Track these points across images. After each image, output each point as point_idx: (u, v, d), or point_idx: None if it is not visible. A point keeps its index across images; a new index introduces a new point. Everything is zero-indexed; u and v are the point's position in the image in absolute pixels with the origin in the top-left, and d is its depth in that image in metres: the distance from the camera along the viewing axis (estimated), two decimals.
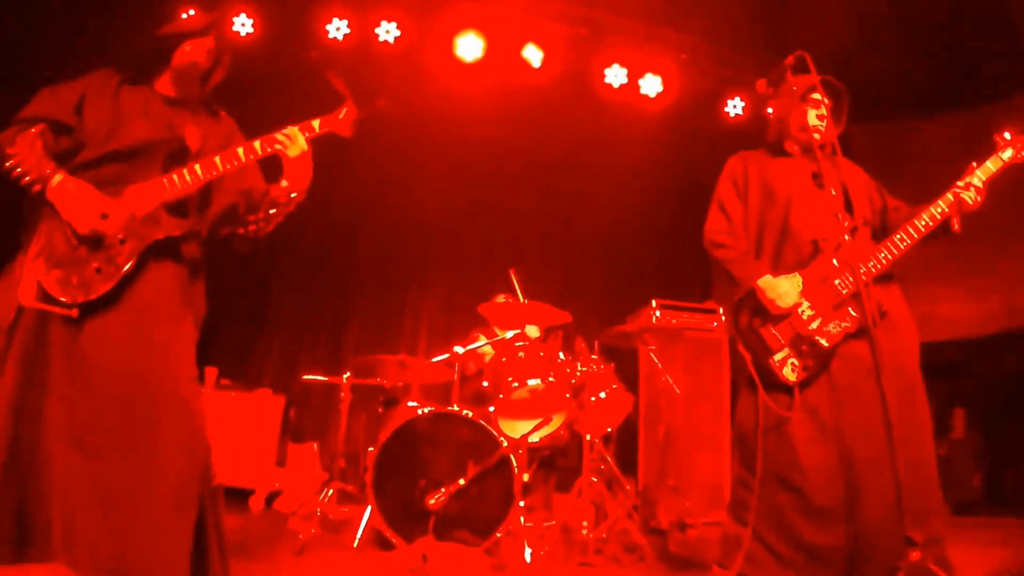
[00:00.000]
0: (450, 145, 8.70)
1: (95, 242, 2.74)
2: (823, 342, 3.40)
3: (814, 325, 3.43)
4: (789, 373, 3.40)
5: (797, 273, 3.51)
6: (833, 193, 3.55)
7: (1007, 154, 3.59)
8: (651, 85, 8.82)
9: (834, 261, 3.48)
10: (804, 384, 3.39)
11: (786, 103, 3.75)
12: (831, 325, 3.41)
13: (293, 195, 3.13)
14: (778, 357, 3.43)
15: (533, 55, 8.41)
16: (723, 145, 9.12)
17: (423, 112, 8.34)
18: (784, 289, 3.46)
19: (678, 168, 9.39)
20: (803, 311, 3.45)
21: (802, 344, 3.42)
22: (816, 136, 3.62)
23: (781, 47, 3.81)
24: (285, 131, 3.03)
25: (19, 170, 2.75)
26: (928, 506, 3.25)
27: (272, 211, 3.14)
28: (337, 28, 8.12)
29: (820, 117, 3.69)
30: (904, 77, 8.56)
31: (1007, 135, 3.66)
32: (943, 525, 3.31)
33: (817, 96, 3.69)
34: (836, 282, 3.45)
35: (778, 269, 3.58)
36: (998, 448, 9.62)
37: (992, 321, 8.73)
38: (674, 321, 6.95)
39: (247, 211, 3.13)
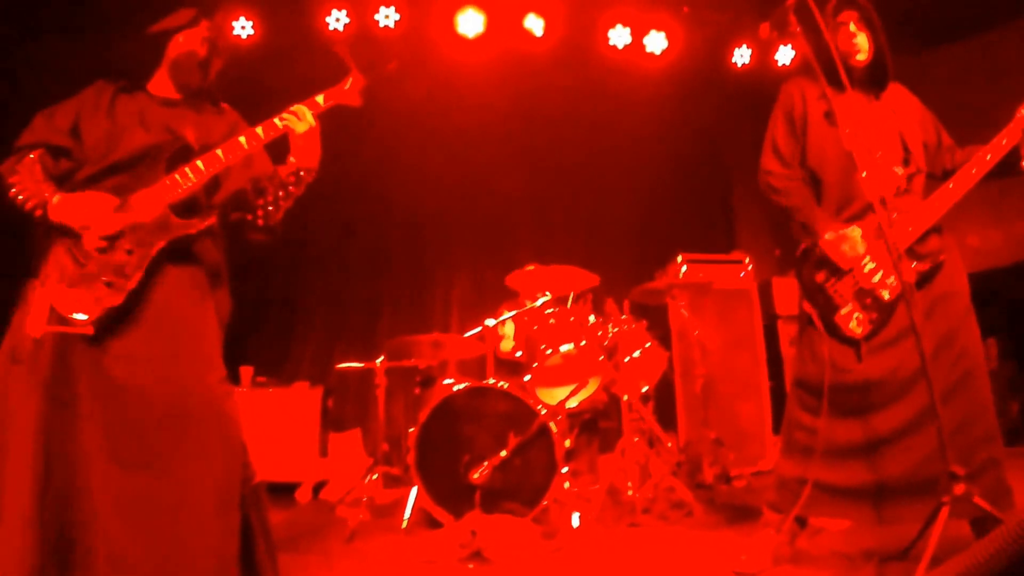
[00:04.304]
0: (463, 122, 8.67)
1: (117, 241, 2.69)
2: (885, 294, 3.35)
3: (876, 278, 3.38)
4: (855, 327, 3.37)
5: (857, 225, 3.43)
6: (894, 136, 3.50)
7: None
8: (656, 42, 8.72)
9: (893, 214, 3.39)
10: (869, 337, 3.36)
11: (824, 31, 3.46)
12: (892, 278, 3.35)
13: (302, 173, 3.05)
14: (844, 312, 3.39)
15: (535, 24, 8.34)
16: (733, 94, 9.18)
17: (432, 92, 8.33)
18: (851, 243, 3.39)
19: (691, 122, 9.35)
20: (865, 264, 3.40)
21: (865, 298, 3.37)
22: (860, 57, 3.55)
23: None
24: (291, 109, 2.96)
25: (21, 197, 2.72)
26: (979, 436, 3.25)
27: (281, 193, 3.06)
28: (336, 19, 8.10)
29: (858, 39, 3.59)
30: (903, 9, 8.37)
31: None
32: (997, 449, 3.28)
33: (852, 25, 3.60)
34: (894, 234, 3.36)
35: (839, 214, 3.51)
36: None
37: (1019, 248, 8.61)
38: (701, 274, 6.93)
39: (255, 195, 3.06)
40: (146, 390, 2.62)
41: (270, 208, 3.08)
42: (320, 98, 3.02)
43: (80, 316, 2.61)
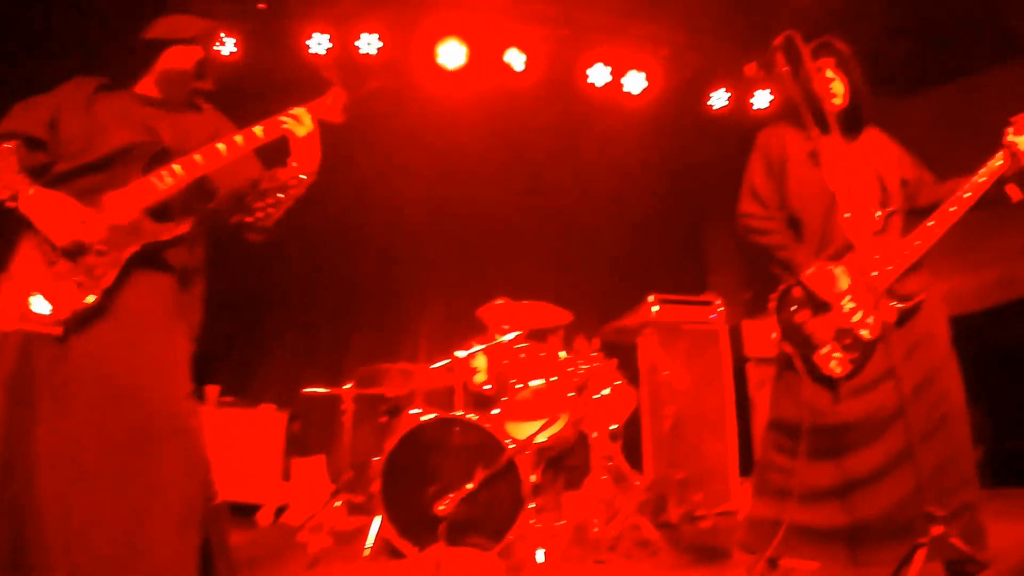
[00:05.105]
0: (440, 153, 8.68)
1: (76, 253, 2.65)
2: (865, 334, 3.38)
3: (856, 318, 3.40)
4: (835, 367, 3.38)
5: (840, 264, 3.47)
6: (872, 177, 3.55)
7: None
8: (635, 82, 8.76)
9: (874, 255, 3.43)
10: (849, 377, 3.38)
11: (804, 75, 3.54)
12: (872, 318, 3.38)
13: (303, 176, 3.05)
14: (823, 351, 3.41)
15: (516, 59, 8.37)
16: (710, 136, 9.26)
17: (410, 122, 8.32)
18: (834, 277, 3.44)
19: (667, 163, 9.41)
20: (845, 304, 3.43)
21: (845, 338, 3.40)
22: (836, 101, 3.62)
23: (761, 32, 3.75)
24: (291, 111, 2.96)
25: None
26: (957, 479, 3.28)
27: (281, 195, 3.06)
28: (318, 43, 8.00)
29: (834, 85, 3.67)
30: (882, 55, 8.50)
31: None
32: (973, 492, 3.31)
33: (828, 72, 3.68)
34: (874, 274, 3.37)
35: (819, 255, 3.54)
36: (999, 421, 9.60)
37: (989, 294, 8.69)
38: (672, 315, 6.95)
39: (254, 198, 3.05)
40: (106, 394, 2.58)
41: (270, 210, 3.06)
42: (302, 110, 3.02)
43: (48, 315, 2.57)
